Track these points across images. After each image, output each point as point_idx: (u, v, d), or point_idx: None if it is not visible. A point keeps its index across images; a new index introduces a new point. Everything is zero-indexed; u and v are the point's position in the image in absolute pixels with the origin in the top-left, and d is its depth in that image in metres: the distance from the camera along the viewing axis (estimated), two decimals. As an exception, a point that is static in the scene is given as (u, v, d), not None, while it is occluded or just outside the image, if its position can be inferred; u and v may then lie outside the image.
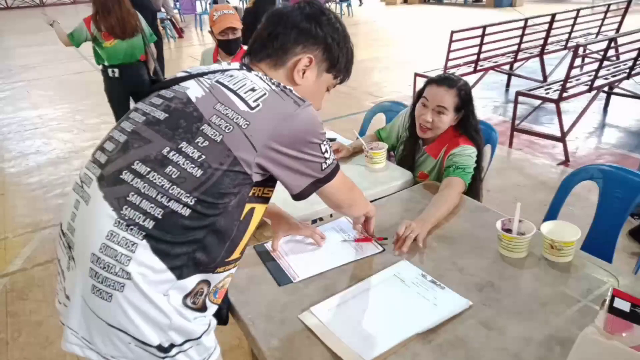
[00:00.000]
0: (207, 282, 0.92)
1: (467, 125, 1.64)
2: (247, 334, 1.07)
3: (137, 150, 0.86)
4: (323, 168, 0.97)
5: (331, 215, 1.63)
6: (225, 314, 1.13)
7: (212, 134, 0.84)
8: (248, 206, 0.93)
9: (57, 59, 8.08)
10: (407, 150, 1.78)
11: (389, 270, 1.20)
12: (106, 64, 3.18)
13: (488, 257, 1.24)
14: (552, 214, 1.66)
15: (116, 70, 3.18)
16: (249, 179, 0.88)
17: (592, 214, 1.58)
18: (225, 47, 2.65)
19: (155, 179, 0.84)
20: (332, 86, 1.09)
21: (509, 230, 1.24)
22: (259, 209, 0.97)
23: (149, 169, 0.84)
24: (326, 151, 0.97)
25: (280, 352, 0.98)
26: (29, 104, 5.76)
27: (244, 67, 0.98)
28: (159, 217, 0.83)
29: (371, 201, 1.56)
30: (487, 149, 1.82)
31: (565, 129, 3.60)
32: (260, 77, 0.93)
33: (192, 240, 0.86)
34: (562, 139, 3.58)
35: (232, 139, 0.85)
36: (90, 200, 0.87)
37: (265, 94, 0.89)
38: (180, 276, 0.86)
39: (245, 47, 2.74)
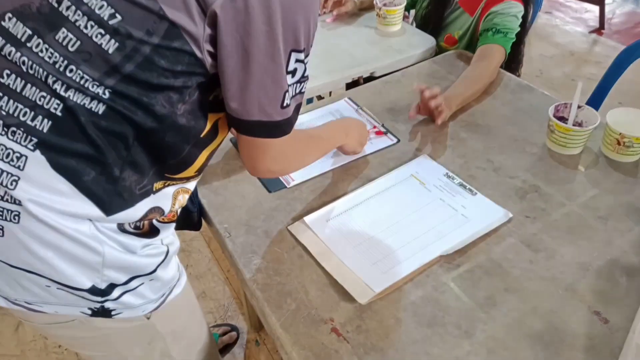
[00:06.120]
0: (160, 210, 0.64)
1: None
2: (223, 248, 0.85)
3: None
4: (284, 105, 0.60)
5: (330, 94, 1.31)
6: (196, 217, 0.90)
7: None
8: (213, 117, 0.62)
9: None
10: (434, 4, 1.37)
11: (405, 168, 0.94)
12: None
13: (533, 152, 0.98)
14: (598, 97, 1.35)
15: None
16: (202, 67, 0.55)
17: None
18: None
19: (42, 51, 0.52)
20: None
21: (562, 119, 0.96)
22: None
23: (29, 32, 0.52)
24: (295, 72, 0.59)
25: (263, 275, 0.77)
26: None
27: None
28: (58, 114, 0.53)
29: (383, 75, 1.24)
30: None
31: (605, -12, 3.07)
32: None
33: (117, 153, 0.56)
34: (600, 1, 3.07)
35: None
36: None
37: None
38: (109, 210, 0.57)
39: None
